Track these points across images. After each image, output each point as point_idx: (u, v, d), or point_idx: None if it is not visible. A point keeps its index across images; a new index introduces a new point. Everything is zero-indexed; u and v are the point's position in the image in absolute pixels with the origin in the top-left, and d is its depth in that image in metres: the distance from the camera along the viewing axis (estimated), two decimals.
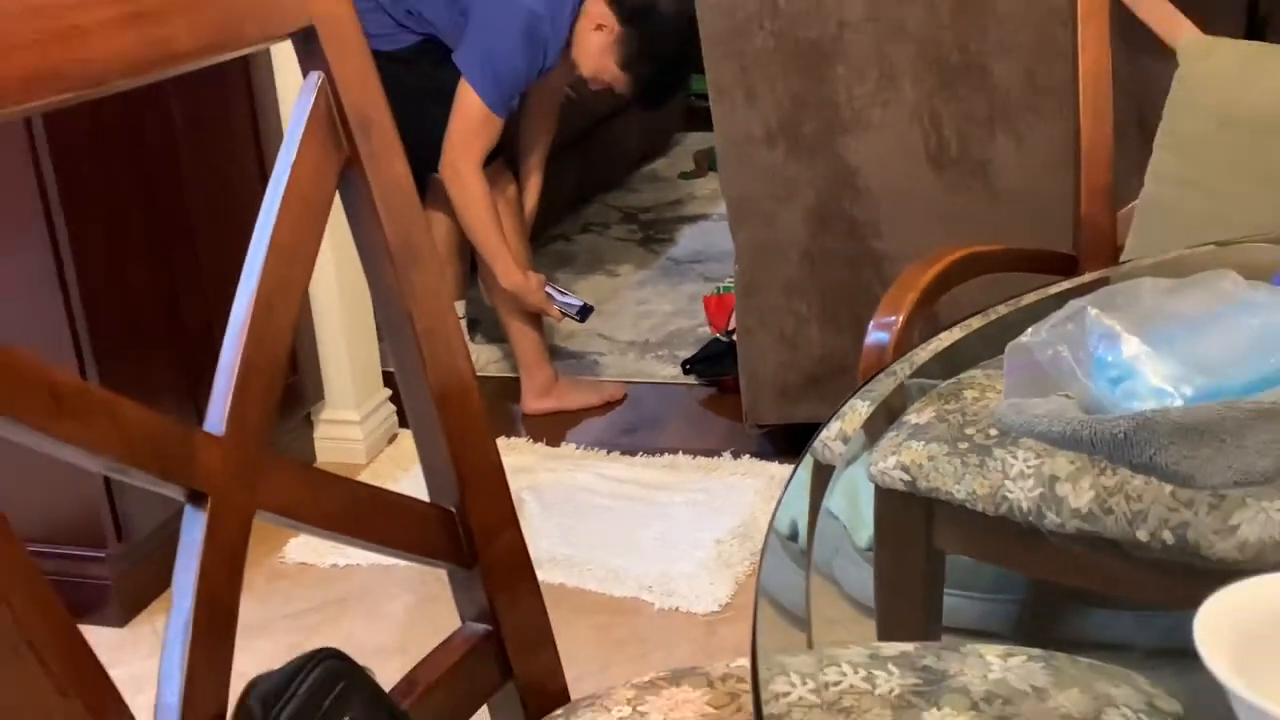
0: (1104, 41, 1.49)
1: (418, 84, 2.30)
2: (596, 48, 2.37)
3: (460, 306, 2.78)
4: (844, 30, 1.98)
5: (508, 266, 2.48)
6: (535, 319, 2.61)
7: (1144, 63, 1.63)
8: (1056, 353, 0.65)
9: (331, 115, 0.84)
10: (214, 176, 2.06)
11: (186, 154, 1.99)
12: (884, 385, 0.97)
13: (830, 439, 0.89)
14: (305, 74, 0.85)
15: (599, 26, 2.35)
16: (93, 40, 0.70)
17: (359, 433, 2.40)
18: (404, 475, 2.32)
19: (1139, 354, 0.61)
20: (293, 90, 2.20)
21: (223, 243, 2.08)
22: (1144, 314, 0.65)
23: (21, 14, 0.67)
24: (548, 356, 2.65)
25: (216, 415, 0.74)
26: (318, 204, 0.83)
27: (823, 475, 0.86)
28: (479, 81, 2.33)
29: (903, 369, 1.00)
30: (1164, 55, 1.47)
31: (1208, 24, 1.46)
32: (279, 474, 0.76)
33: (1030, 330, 0.67)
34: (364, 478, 1.92)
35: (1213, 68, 1.39)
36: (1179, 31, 1.45)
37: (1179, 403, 0.60)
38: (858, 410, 0.92)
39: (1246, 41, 1.47)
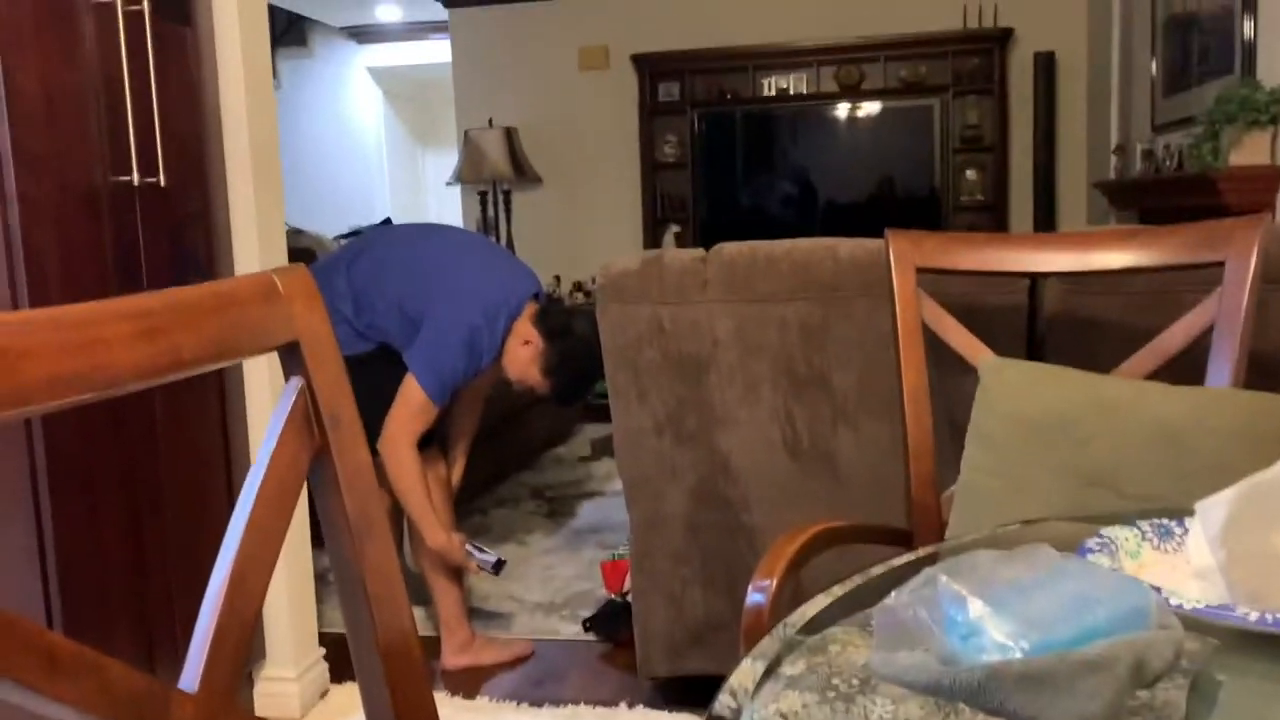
0: (921, 362, 1.57)
1: (369, 381, 2.29)
2: (524, 359, 2.42)
3: None
4: (716, 348, 2.04)
5: (434, 528, 2.42)
6: (457, 583, 2.53)
7: (950, 377, 1.72)
8: (916, 613, 0.65)
9: (308, 412, 0.84)
10: (186, 460, 2.00)
11: (164, 440, 1.94)
12: (766, 644, 0.95)
13: (724, 695, 0.86)
14: (287, 378, 0.85)
15: (526, 342, 2.41)
16: (114, 350, 0.70)
17: (295, 689, 2.24)
18: None
19: (983, 614, 0.62)
20: (257, 388, 2.22)
21: (189, 518, 2.00)
22: (982, 580, 0.66)
23: (50, 326, 0.66)
24: (466, 617, 2.55)
25: (191, 674, 0.69)
26: (291, 488, 0.82)
27: None
28: (424, 376, 2.34)
29: (781, 630, 0.99)
30: (966, 371, 1.55)
31: (995, 347, 1.55)
32: None
33: (894, 594, 0.68)
34: None
35: (1006, 381, 1.47)
36: (979, 353, 1.54)
37: (1019, 655, 0.60)
38: (745, 668, 0.91)
39: (1029, 362, 1.56)
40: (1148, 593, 0.66)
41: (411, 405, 2.35)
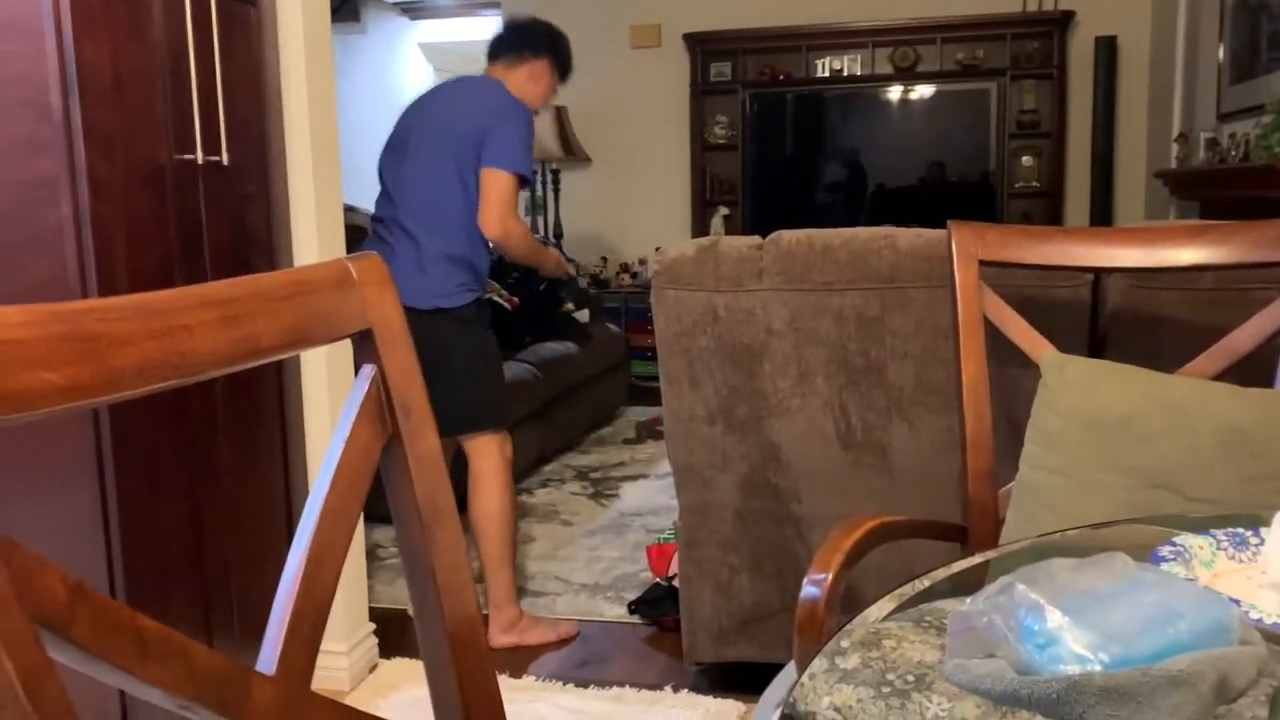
0: (981, 355, 1.55)
1: (467, 343, 2.52)
2: (539, 89, 2.65)
3: None
4: (770, 337, 2.04)
5: (547, 255, 2.78)
6: (510, 562, 2.55)
7: (1009, 371, 1.71)
8: (991, 620, 0.65)
9: (380, 400, 0.85)
10: (244, 437, 2.04)
11: (223, 417, 1.97)
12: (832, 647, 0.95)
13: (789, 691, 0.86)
14: (360, 366, 0.87)
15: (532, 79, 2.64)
16: (196, 337, 0.71)
17: (345, 662, 2.29)
18: (382, 701, 2.20)
19: (1061, 624, 0.62)
20: (311, 363, 2.25)
21: (246, 494, 2.04)
22: (1059, 589, 0.66)
23: (139, 315, 0.68)
24: (516, 597, 2.58)
25: (269, 656, 0.71)
26: (363, 474, 0.83)
27: None
28: (511, 160, 2.45)
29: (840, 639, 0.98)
30: (1025, 365, 1.54)
31: (1056, 342, 1.53)
32: (319, 711, 0.72)
33: (969, 600, 0.68)
34: (348, 703, 1.81)
35: (1069, 379, 1.45)
36: (1040, 348, 1.52)
37: (1098, 668, 0.60)
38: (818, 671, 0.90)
39: (1093, 359, 1.54)
40: (1229, 606, 0.65)
41: (503, 189, 2.44)
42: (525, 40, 2.64)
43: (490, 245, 2.56)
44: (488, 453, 2.53)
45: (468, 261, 2.51)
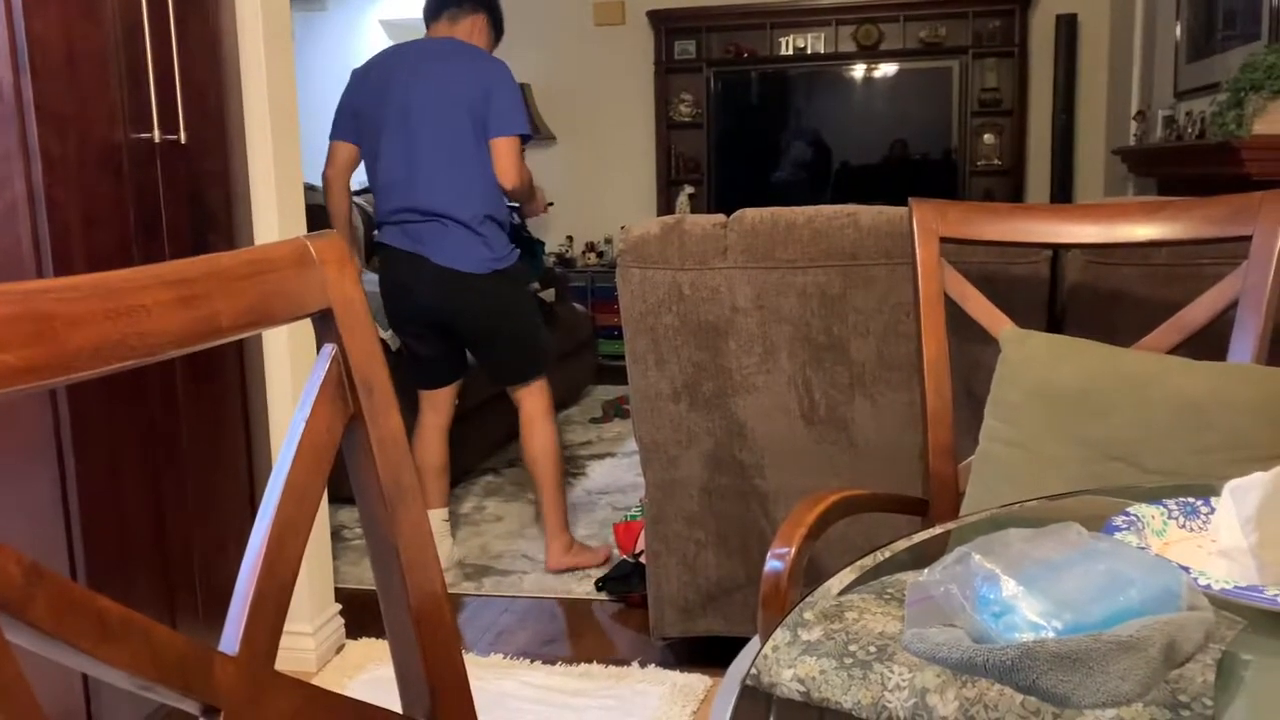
0: (942, 331, 1.57)
1: (522, 299, 2.84)
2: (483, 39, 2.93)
3: (444, 513, 2.96)
4: (735, 314, 2.05)
5: (541, 199, 3.02)
6: (563, 495, 2.85)
7: (969, 347, 1.73)
8: (948, 590, 0.66)
9: (341, 379, 0.85)
10: (205, 417, 2.02)
11: (184, 397, 1.95)
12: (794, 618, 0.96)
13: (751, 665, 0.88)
14: (320, 345, 0.86)
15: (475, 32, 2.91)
16: (154, 317, 0.70)
17: (311, 643, 2.28)
18: (350, 681, 2.20)
19: (1016, 593, 0.63)
20: (273, 342, 2.23)
21: (208, 474, 2.02)
22: (1014, 558, 0.67)
23: (95, 294, 0.67)
24: (568, 525, 2.85)
25: (231, 636, 0.71)
26: (325, 453, 0.82)
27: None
28: (519, 124, 2.68)
29: (803, 610, 1.00)
30: (985, 341, 1.56)
31: (1016, 318, 1.55)
32: (283, 690, 0.72)
33: (926, 570, 0.69)
34: (315, 684, 1.81)
35: (1028, 353, 1.47)
36: (1000, 324, 1.54)
37: (1051, 635, 0.61)
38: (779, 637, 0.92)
39: (1051, 334, 1.56)
40: (1178, 573, 0.67)
41: (516, 150, 2.67)
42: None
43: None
44: (539, 396, 2.82)
45: (503, 219, 2.75)
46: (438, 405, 2.90)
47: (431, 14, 2.88)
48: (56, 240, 1.63)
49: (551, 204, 2.99)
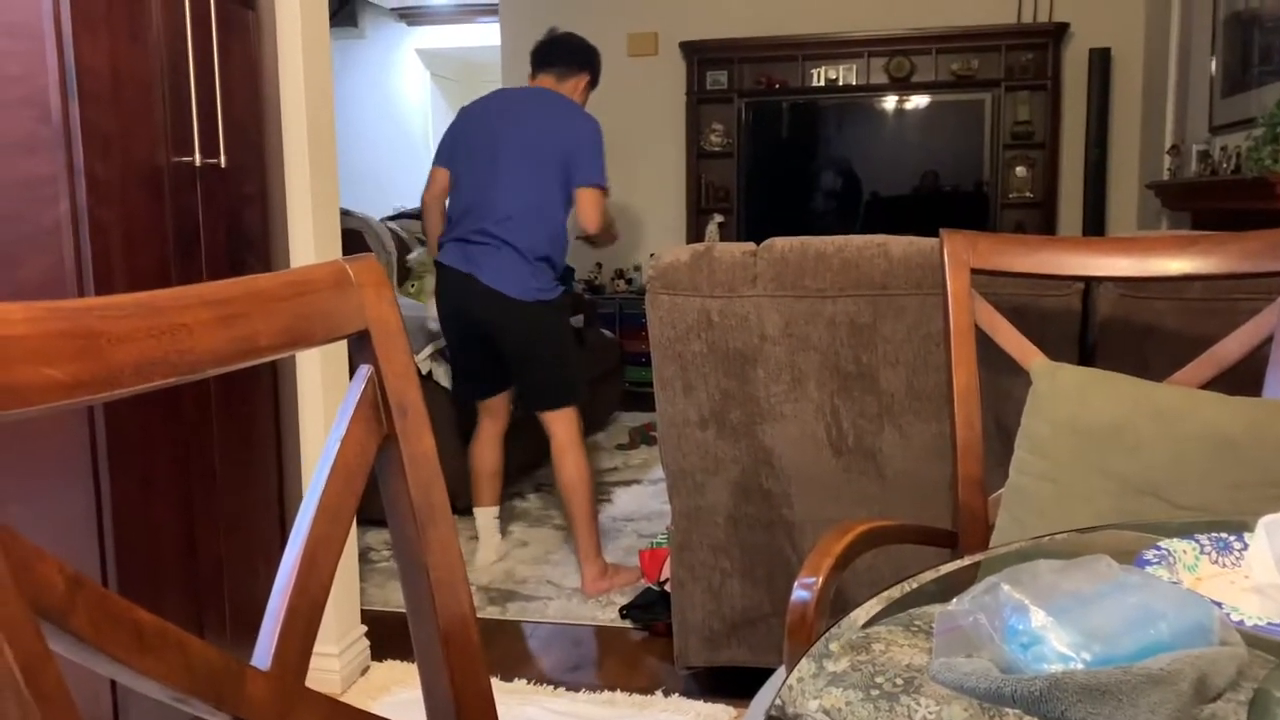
0: (972, 362, 1.56)
1: (561, 330, 2.97)
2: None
3: (495, 510, 3.15)
4: (764, 342, 2.05)
5: (614, 229, 3.16)
6: (595, 521, 2.90)
7: (999, 379, 1.72)
8: (976, 620, 0.66)
9: (376, 400, 0.86)
10: (238, 436, 2.05)
11: (217, 416, 1.98)
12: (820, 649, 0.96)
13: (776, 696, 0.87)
14: (356, 366, 0.87)
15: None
16: (195, 336, 0.72)
17: (337, 664, 2.29)
18: (374, 703, 2.21)
19: (1045, 624, 0.63)
20: (305, 362, 2.26)
21: (239, 493, 2.04)
22: (1044, 589, 0.67)
23: (139, 313, 0.68)
24: (601, 549, 2.90)
25: (264, 651, 0.72)
26: (358, 473, 0.84)
27: None
28: (599, 175, 2.89)
29: (828, 641, 0.99)
30: (1016, 373, 1.55)
31: (1047, 350, 1.54)
32: (313, 706, 0.73)
33: (955, 600, 0.69)
34: None
35: (1059, 386, 1.46)
36: (1030, 356, 1.53)
37: (1080, 666, 0.61)
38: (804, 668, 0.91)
39: (1082, 367, 1.55)
40: (1210, 608, 0.66)
41: (599, 201, 2.88)
42: (574, 56, 3.04)
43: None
44: (571, 424, 2.89)
45: (559, 260, 2.93)
46: (494, 412, 3.08)
47: (541, 63, 3.06)
48: (98, 259, 1.67)
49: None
